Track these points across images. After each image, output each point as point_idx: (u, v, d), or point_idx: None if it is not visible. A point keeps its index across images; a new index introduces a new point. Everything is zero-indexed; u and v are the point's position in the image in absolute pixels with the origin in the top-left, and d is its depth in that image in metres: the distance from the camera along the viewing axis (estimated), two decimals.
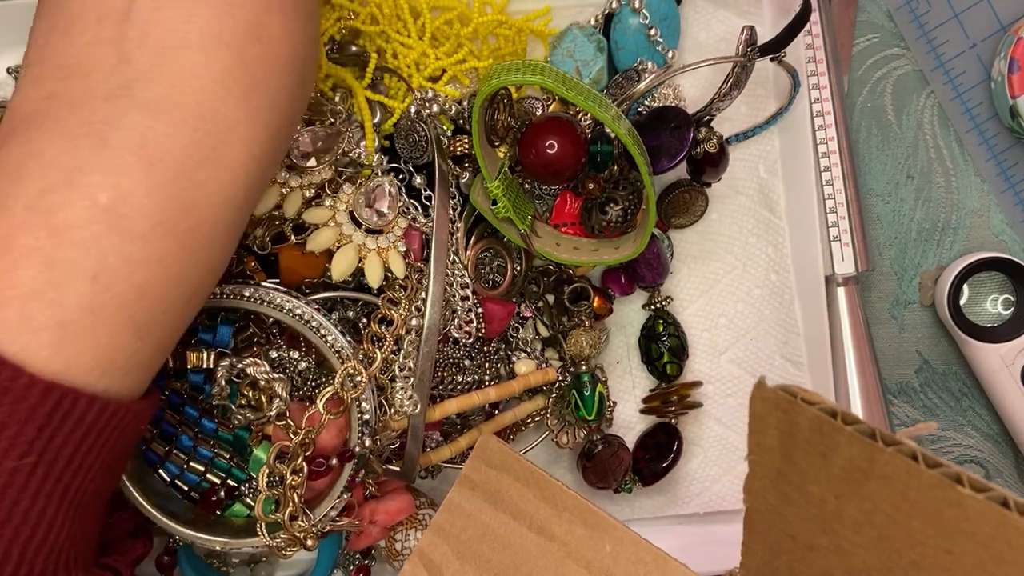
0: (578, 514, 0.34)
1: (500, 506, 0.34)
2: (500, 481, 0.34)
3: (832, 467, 0.22)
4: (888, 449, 0.21)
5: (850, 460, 0.22)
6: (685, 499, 0.45)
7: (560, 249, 0.41)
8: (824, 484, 0.23)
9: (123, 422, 0.28)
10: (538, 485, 0.34)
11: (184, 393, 0.38)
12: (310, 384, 0.38)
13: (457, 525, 0.34)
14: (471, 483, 0.35)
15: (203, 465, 0.38)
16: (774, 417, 0.23)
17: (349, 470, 0.36)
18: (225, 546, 0.36)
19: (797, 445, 0.23)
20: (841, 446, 0.22)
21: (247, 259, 0.38)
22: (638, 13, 0.41)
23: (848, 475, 0.22)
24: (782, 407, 0.23)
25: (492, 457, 0.35)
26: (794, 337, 0.45)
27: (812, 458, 0.23)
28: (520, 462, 0.34)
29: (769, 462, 0.24)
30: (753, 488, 0.26)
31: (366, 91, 0.41)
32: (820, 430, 0.22)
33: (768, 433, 0.24)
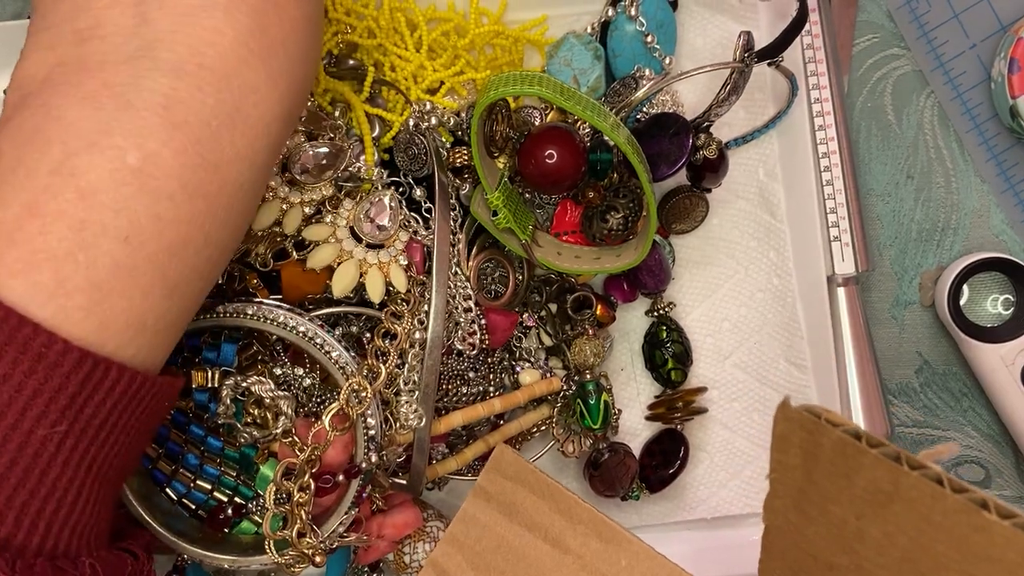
0: (593, 527, 0.34)
1: (515, 518, 0.34)
2: (515, 493, 0.34)
3: (855, 488, 0.23)
4: (913, 473, 0.21)
5: (874, 482, 0.22)
6: (692, 505, 0.45)
7: (561, 258, 0.42)
8: (846, 505, 0.23)
9: (150, 395, 0.28)
10: (553, 497, 0.34)
11: (189, 412, 0.38)
12: (315, 400, 0.39)
13: (472, 536, 0.34)
14: (486, 494, 0.35)
15: (210, 483, 0.38)
16: (798, 437, 0.23)
17: (356, 486, 0.36)
18: (233, 564, 0.36)
19: (820, 465, 0.23)
20: (865, 468, 0.22)
21: (249, 276, 0.38)
22: (634, 20, 0.41)
23: (871, 497, 0.22)
24: (806, 427, 0.23)
25: (507, 468, 0.35)
26: (798, 340, 0.45)
27: (835, 479, 0.23)
28: (535, 474, 0.34)
29: (791, 481, 0.24)
30: (773, 506, 0.26)
31: (365, 105, 0.41)
32: (844, 452, 0.22)
33: (791, 452, 0.24)
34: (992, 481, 0.48)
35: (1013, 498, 0.48)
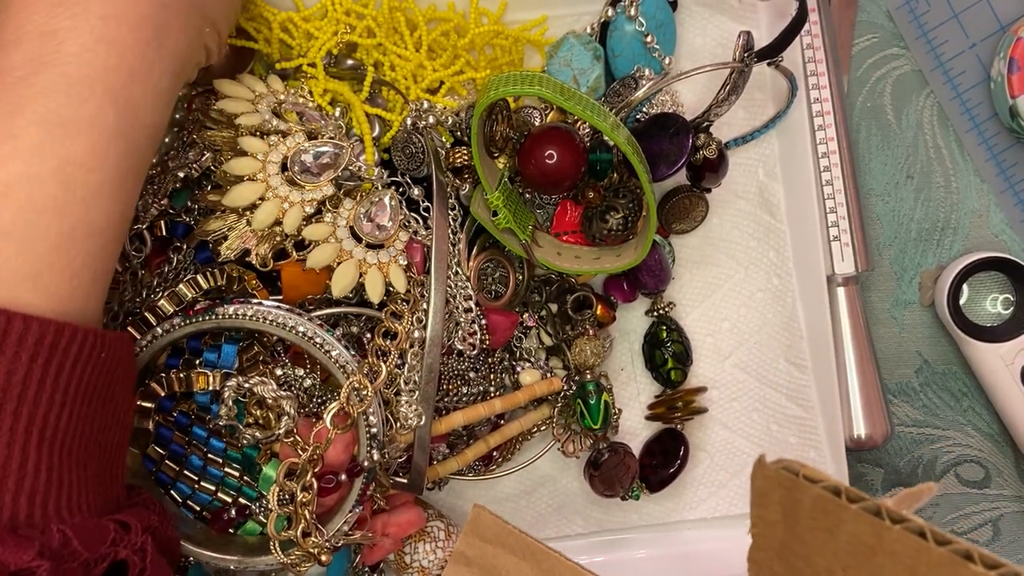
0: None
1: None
2: (496, 556, 0.33)
3: (838, 542, 0.22)
4: (895, 527, 0.21)
5: (856, 536, 0.22)
6: (692, 504, 0.45)
7: (561, 258, 0.42)
8: (831, 557, 0.23)
9: (83, 349, 0.27)
10: (535, 558, 0.33)
11: (192, 414, 0.38)
12: (316, 400, 0.39)
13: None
14: (466, 559, 0.34)
15: (214, 484, 0.38)
16: (777, 493, 0.23)
17: (359, 484, 0.36)
18: (239, 565, 0.36)
19: (801, 520, 0.23)
20: (846, 523, 0.22)
21: (248, 276, 0.38)
22: (634, 20, 0.41)
23: (855, 549, 0.22)
24: (784, 485, 0.23)
25: (485, 531, 0.34)
26: (797, 340, 0.45)
27: (817, 533, 0.23)
28: (514, 535, 0.33)
29: (773, 535, 0.24)
30: (758, 559, 0.26)
31: (364, 105, 0.41)
32: (824, 508, 0.22)
33: (771, 508, 0.24)
34: (992, 480, 0.48)
35: (1013, 497, 0.48)
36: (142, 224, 0.39)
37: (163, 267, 0.38)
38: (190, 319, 0.36)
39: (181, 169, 0.39)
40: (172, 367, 0.37)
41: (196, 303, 0.37)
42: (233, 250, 0.37)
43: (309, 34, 0.42)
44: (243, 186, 0.36)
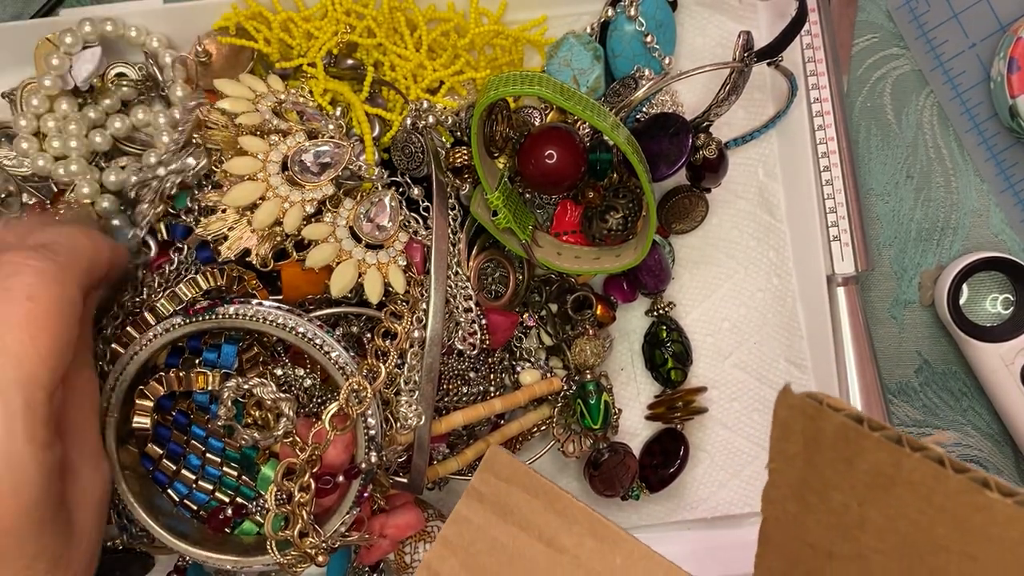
0: (588, 526, 0.34)
1: (509, 518, 0.34)
2: (509, 493, 0.34)
3: (857, 473, 0.23)
4: (915, 454, 0.21)
5: (876, 465, 0.22)
6: (692, 504, 0.45)
7: (561, 258, 0.42)
8: (848, 491, 0.23)
9: None
10: (547, 497, 0.34)
11: (190, 413, 0.38)
12: (316, 400, 0.39)
13: (465, 538, 0.34)
14: (479, 495, 0.35)
15: (211, 484, 0.38)
16: (799, 424, 0.23)
17: (357, 486, 0.36)
18: (236, 565, 0.36)
19: (822, 451, 0.23)
20: (867, 451, 0.22)
21: (248, 277, 0.38)
22: (634, 20, 0.41)
23: (873, 480, 0.22)
24: (808, 413, 0.23)
25: (501, 469, 0.35)
26: (797, 340, 0.45)
27: (836, 464, 0.23)
28: (529, 474, 0.34)
29: (791, 470, 0.24)
30: (772, 497, 0.26)
31: (365, 105, 0.41)
32: (846, 436, 0.22)
33: (792, 440, 0.24)
34: None
35: None
36: (141, 230, 0.39)
37: (164, 267, 0.38)
38: (190, 319, 0.36)
39: (176, 174, 0.39)
40: (172, 366, 0.37)
41: (196, 303, 0.37)
42: (233, 250, 0.37)
43: (309, 34, 0.42)
44: (243, 186, 0.36)
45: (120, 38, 0.43)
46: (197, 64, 0.43)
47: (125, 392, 0.36)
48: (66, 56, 0.41)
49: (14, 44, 0.42)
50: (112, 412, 0.36)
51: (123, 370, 0.36)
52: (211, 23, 0.42)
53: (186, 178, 0.39)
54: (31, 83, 0.42)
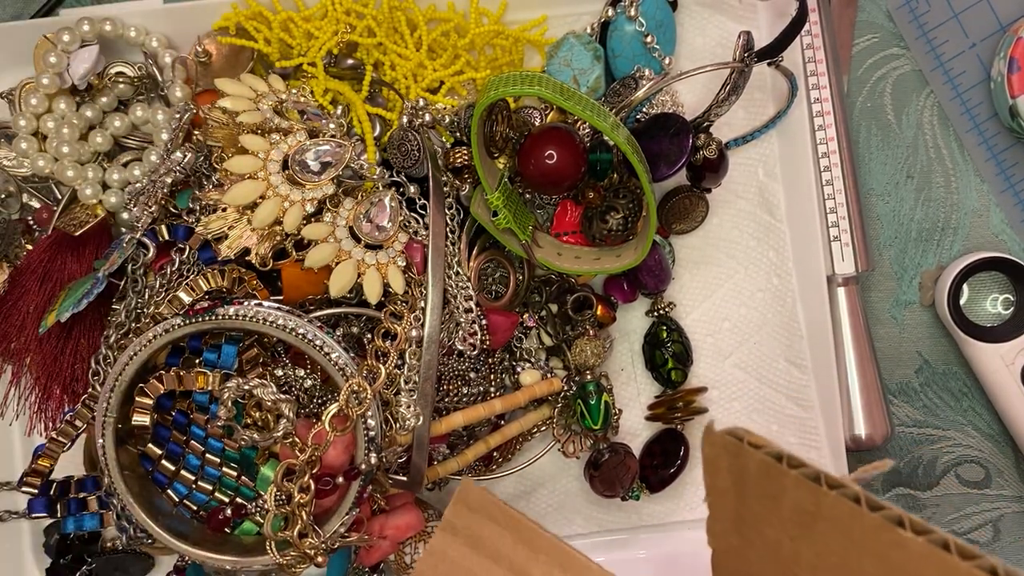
0: (555, 557, 0.34)
1: (481, 550, 0.34)
2: (481, 525, 0.34)
3: (783, 510, 0.23)
4: (831, 492, 0.21)
5: (798, 503, 0.22)
6: (692, 504, 0.45)
7: (562, 259, 0.42)
8: (778, 526, 0.23)
9: None
10: (516, 529, 0.34)
11: (190, 413, 0.38)
12: (316, 401, 0.39)
13: (440, 571, 0.34)
14: (453, 528, 0.35)
15: (211, 484, 0.38)
16: (724, 461, 0.24)
17: (357, 487, 0.36)
18: (235, 565, 0.36)
19: (748, 488, 0.24)
20: (788, 489, 0.22)
21: (248, 277, 0.38)
22: (634, 20, 0.41)
23: (798, 517, 0.23)
24: (731, 451, 0.23)
25: (472, 501, 0.35)
26: (797, 340, 0.45)
27: (763, 500, 0.23)
28: (498, 506, 0.34)
29: (725, 504, 0.25)
30: (715, 530, 0.26)
31: (365, 104, 0.41)
32: (768, 473, 0.23)
33: (721, 476, 0.24)
34: (992, 481, 0.48)
35: (1013, 497, 0.48)
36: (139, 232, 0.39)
37: (166, 268, 0.38)
38: (190, 319, 0.36)
39: (168, 174, 0.39)
40: (172, 366, 0.37)
41: (196, 303, 0.37)
42: (233, 249, 0.37)
43: (309, 34, 0.42)
44: (244, 184, 0.36)
45: (119, 38, 0.43)
46: (197, 64, 0.43)
47: (125, 392, 0.36)
48: (63, 54, 0.41)
49: (14, 44, 0.42)
50: (111, 412, 0.36)
51: (123, 370, 0.36)
52: (211, 23, 0.42)
53: (178, 175, 0.39)
54: (29, 83, 0.42)
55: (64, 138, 0.41)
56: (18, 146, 0.42)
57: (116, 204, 0.42)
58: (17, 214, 0.44)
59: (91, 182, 0.42)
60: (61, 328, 0.39)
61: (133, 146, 0.43)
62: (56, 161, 0.42)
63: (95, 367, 0.38)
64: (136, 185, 0.41)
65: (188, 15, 0.42)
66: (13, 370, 0.40)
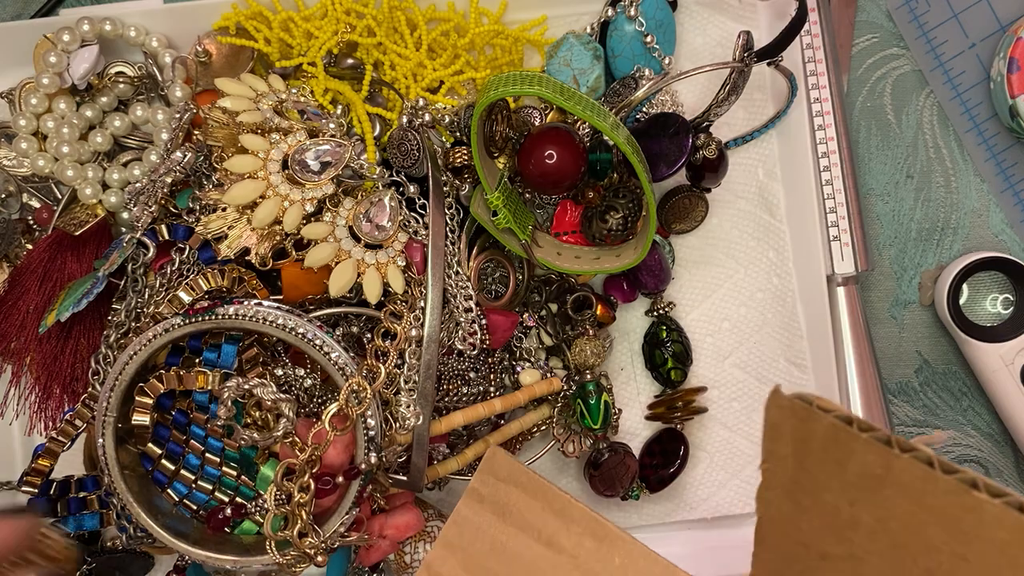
0: (587, 526, 0.33)
1: (508, 519, 0.34)
2: (508, 494, 0.34)
3: (847, 474, 0.23)
4: (904, 455, 0.21)
5: (865, 467, 0.22)
6: (692, 504, 0.45)
7: (561, 258, 0.42)
8: (839, 491, 0.23)
9: None
10: (546, 497, 0.34)
11: (189, 412, 0.38)
12: (316, 400, 0.39)
13: (465, 539, 0.34)
14: (479, 496, 0.35)
15: (211, 484, 0.38)
16: (789, 425, 0.23)
17: (357, 486, 0.36)
18: (235, 565, 0.36)
19: (812, 452, 0.23)
20: (857, 453, 0.22)
21: (248, 276, 0.38)
22: (634, 20, 0.41)
23: (863, 482, 0.22)
24: (798, 415, 0.23)
25: (500, 470, 0.35)
26: (797, 340, 0.45)
27: (827, 465, 0.23)
28: (527, 474, 0.34)
29: (783, 470, 0.24)
30: (766, 497, 0.26)
31: (365, 104, 0.41)
32: (836, 437, 0.22)
33: (783, 441, 0.24)
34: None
35: None
36: (139, 232, 0.39)
37: (166, 268, 0.38)
38: (190, 319, 0.36)
39: (168, 174, 0.39)
40: (172, 365, 0.37)
41: (196, 303, 0.37)
42: (233, 248, 0.37)
43: (309, 33, 0.42)
44: (244, 184, 0.36)
45: (119, 38, 0.43)
46: (197, 64, 0.43)
47: (124, 392, 0.36)
48: (63, 54, 0.41)
49: (14, 44, 0.42)
50: (111, 412, 0.36)
51: (123, 370, 0.36)
52: (211, 23, 0.42)
53: (178, 175, 0.39)
54: (29, 83, 0.42)
55: (64, 138, 0.41)
56: (18, 146, 0.42)
57: (116, 204, 0.42)
58: (17, 214, 0.44)
59: (91, 182, 0.42)
60: (61, 328, 0.39)
61: (133, 146, 0.43)
62: (56, 161, 0.42)
63: (95, 367, 0.38)
64: (136, 185, 0.41)
65: (188, 15, 0.42)
66: (13, 370, 0.40)
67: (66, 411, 0.39)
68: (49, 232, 0.42)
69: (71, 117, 0.42)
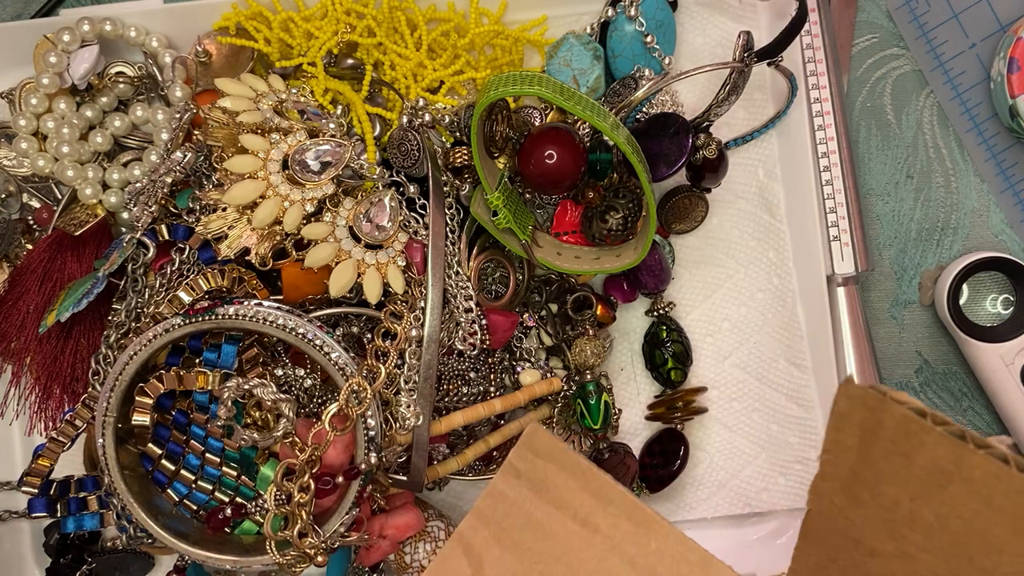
0: (624, 509, 0.33)
1: (544, 495, 0.33)
2: (546, 470, 0.33)
3: (913, 468, 0.22)
4: (979, 451, 0.20)
5: (935, 461, 0.21)
6: (692, 504, 0.45)
7: (561, 258, 0.42)
8: (901, 486, 0.23)
9: None
10: (584, 477, 0.33)
11: (189, 412, 0.38)
12: (316, 400, 0.39)
13: (499, 512, 0.34)
14: (516, 471, 0.34)
15: (211, 484, 0.38)
16: (859, 415, 0.23)
17: (357, 486, 0.36)
18: (235, 565, 0.36)
19: (878, 444, 0.23)
20: (927, 446, 0.21)
21: (248, 276, 0.38)
22: (634, 20, 0.41)
23: (929, 477, 0.22)
24: (869, 405, 0.22)
25: (539, 446, 0.34)
26: (797, 340, 0.45)
27: (893, 458, 0.22)
28: (567, 453, 0.33)
29: (844, 462, 0.24)
30: (821, 489, 0.25)
31: (365, 104, 0.41)
32: (907, 429, 0.22)
33: (849, 431, 0.23)
34: None
35: None
36: (139, 232, 0.39)
37: (166, 268, 0.38)
38: (190, 319, 0.36)
39: (168, 174, 0.39)
40: (172, 366, 0.37)
41: (196, 303, 0.37)
42: (233, 248, 0.37)
43: (309, 34, 0.42)
44: (244, 184, 0.36)
45: (119, 38, 0.43)
46: (197, 64, 0.43)
47: (124, 392, 0.36)
48: (64, 54, 0.41)
49: (14, 44, 0.42)
50: (111, 412, 0.36)
51: (123, 370, 0.36)
52: (211, 23, 0.42)
53: (178, 175, 0.39)
54: (29, 83, 0.42)
55: (64, 138, 0.41)
56: (18, 146, 0.42)
57: (116, 204, 0.42)
58: (17, 214, 0.44)
59: (91, 182, 0.42)
60: (61, 328, 0.39)
61: (133, 146, 0.43)
62: (56, 161, 0.42)
63: (95, 367, 0.38)
64: (136, 185, 0.41)
65: (188, 15, 0.42)
66: (13, 370, 0.40)
67: (66, 411, 0.39)
68: (49, 232, 0.42)
69: (71, 117, 0.42)
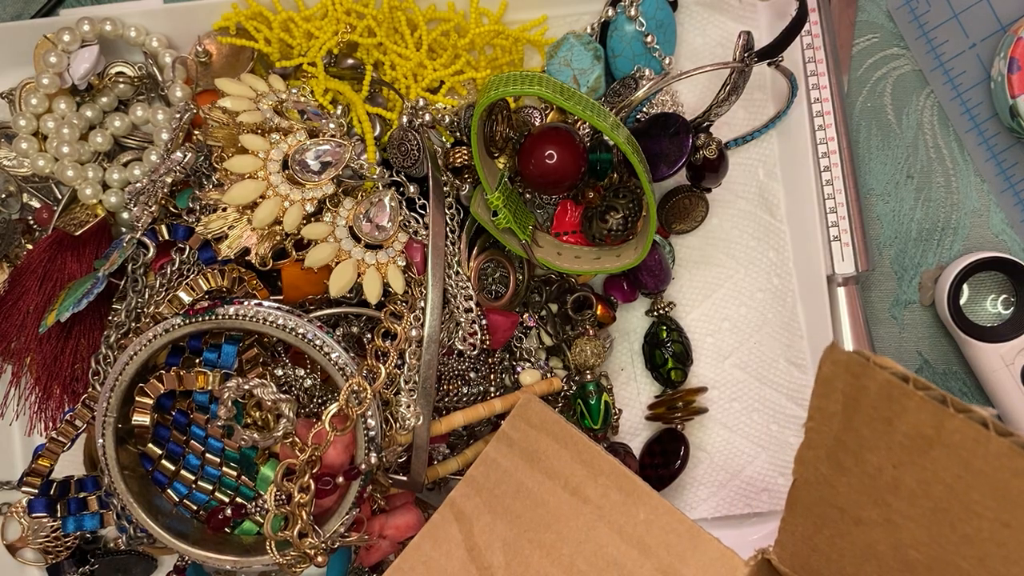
0: (615, 480, 0.33)
1: (536, 465, 0.34)
2: (538, 440, 0.34)
3: (895, 434, 0.22)
4: (959, 415, 0.20)
5: (916, 426, 0.21)
6: (692, 504, 0.45)
7: (561, 258, 0.42)
8: (884, 452, 0.23)
9: None
10: (576, 447, 0.33)
11: (190, 412, 0.38)
12: (317, 400, 0.39)
13: (491, 479, 0.34)
14: (509, 440, 0.34)
15: (211, 484, 0.38)
16: (842, 381, 0.23)
17: (357, 487, 0.36)
18: (235, 565, 0.36)
19: (862, 410, 0.23)
20: (909, 411, 0.21)
21: (248, 277, 0.38)
22: (634, 20, 0.41)
23: (911, 442, 0.22)
24: (852, 370, 0.22)
25: (532, 416, 0.34)
26: (798, 340, 0.45)
27: (875, 424, 0.22)
28: (559, 423, 0.34)
29: (828, 429, 0.24)
30: (806, 458, 0.25)
31: (365, 104, 0.41)
32: (889, 394, 0.22)
33: (832, 397, 0.23)
34: None
35: None
36: (139, 232, 0.39)
37: (166, 268, 0.38)
38: (190, 319, 0.36)
39: (168, 174, 0.39)
40: (172, 366, 0.37)
41: (196, 303, 0.37)
42: (233, 248, 0.37)
43: (309, 34, 0.42)
44: (244, 184, 0.36)
45: (119, 38, 0.43)
46: (197, 64, 0.43)
47: (124, 392, 0.36)
48: (64, 54, 0.41)
49: (14, 44, 0.42)
50: (111, 412, 0.36)
51: (123, 370, 0.36)
52: (211, 23, 0.42)
53: (178, 175, 0.39)
54: (29, 83, 0.42)
55: (64, 138, 0.41)
56: (18, 146, 0.42)
57: (116, 204, 0.42)
58: (17, 214, 0.44)
59: (91, 182, 0.42)
60: (61, 328, 0.39)
61: (133, 146, 0.43)
62: (56, 161, 0.42)
63: (95, 367, 0.38)
64: (136, 185, 0.41)
65: (188, 15, 0.42)
66: (13, 370, 0.40)
67: (66, 411, 0.39)
68: (49, 232, 0.42)
69: (71, 117, 0.42)
